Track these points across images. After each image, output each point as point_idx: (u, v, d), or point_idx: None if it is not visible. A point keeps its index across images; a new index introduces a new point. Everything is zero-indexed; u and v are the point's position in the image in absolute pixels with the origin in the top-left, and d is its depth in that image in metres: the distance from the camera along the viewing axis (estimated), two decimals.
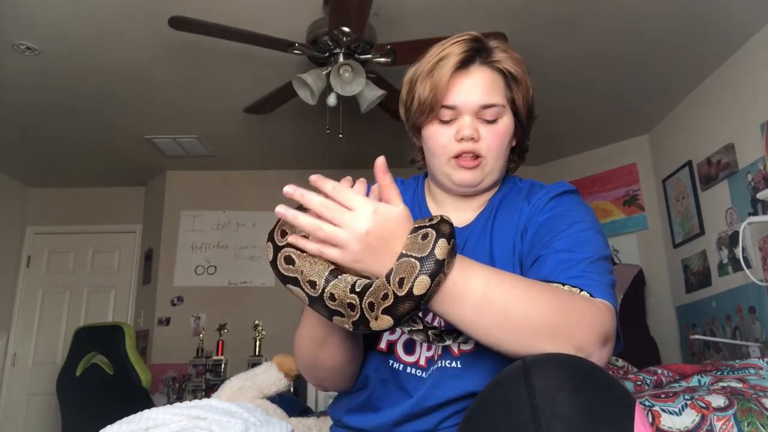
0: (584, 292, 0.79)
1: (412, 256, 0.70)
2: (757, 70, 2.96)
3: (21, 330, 4.62)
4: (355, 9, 2.31)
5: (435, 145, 0.99)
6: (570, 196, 0.98)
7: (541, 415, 0.62)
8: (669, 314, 3.85)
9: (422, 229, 0.72)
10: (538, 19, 2.80)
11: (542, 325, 0.72)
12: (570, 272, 0.83)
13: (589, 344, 0.72)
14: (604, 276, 0.83)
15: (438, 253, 0.70)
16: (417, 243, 0.71)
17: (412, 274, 0.69)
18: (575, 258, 0.84)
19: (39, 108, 3.56)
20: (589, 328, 0.73)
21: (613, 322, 0.77)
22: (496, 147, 0.97)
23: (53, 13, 2.65)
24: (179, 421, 0.73)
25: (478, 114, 0.97)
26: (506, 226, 0.97)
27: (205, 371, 4.08)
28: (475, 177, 0.98)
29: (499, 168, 1.00)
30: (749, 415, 1.13)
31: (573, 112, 3.81)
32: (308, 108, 2.82)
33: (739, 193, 3.13)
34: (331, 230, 0.70)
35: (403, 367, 0.94)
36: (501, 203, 1.02)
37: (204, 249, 4.51)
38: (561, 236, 0.88)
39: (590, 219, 0.93)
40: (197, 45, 2.82)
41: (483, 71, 0.98)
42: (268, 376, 1.47)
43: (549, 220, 0.93)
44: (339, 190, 0.71)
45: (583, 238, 0.88)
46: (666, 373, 1.58)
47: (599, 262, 0.85)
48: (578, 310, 0.74)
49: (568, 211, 0.93)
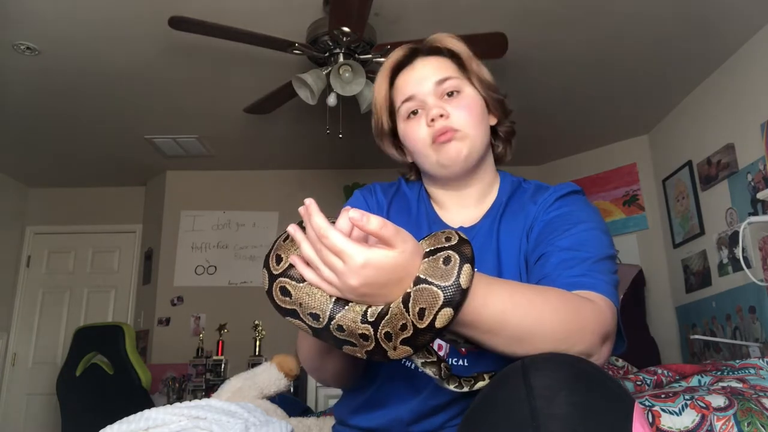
0: (587, 291, 0.80)
1: (434, 284, 0.63)
2: (757, 70, 2.96)
3: (21, 330, 4.62)
4: (355, 9, 2.31)
5: (413, 140, 1.00)
6: (576, 196, 0.98)
7: (540, 415, 0.62)
8: (669, 314, 3.85)
9: (442, 251, 0.65)
10: (539, 19, 2.80)
11: (551, 338, 0.72)
12: (573, 270, 0.83)
13: (591, 347, 0.74)
14: (607, 275, 0.84)
15: (463, 281, 0.64)
16: (438, 268, 0.64)
17: (434, 305, 0.63)
18: (579, 257, 0.85)
19: (39, 108, 3.56)
20: (592, 333, 0.74)
21: (614, 320, 0.79)
22: (467, 116, 0.97)
23: (53, 13, 2.65)
24: (179, 421, 0.73)
25: (438, 93, 0.98)
26: (513, 227, 0.97)
27: (205, 371, 4.08)
28: (458, 149, 0.96)
29: (480, 138, 0.99)
30: (749, 415, 1.13)
31: (573, 112, 3.81)
32: (308, 108, 2.81)
33: (739, 193, 3.13)
34: (327, 274, 0.65)
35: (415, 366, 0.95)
36: (507, 204, 1.01)
37: (204, 249, 4.51)
38: (566, 235, 0.89)
39: (596, 219, 0.93)
40: (197, 45, 2.82)
41: (427, 60, 1.02)
42: (268, 376, 1.47)
43: (555, 219, 0.93)
44: (325, 234, 0.63)
45: (588, 237, 0.89)
46: (666, 373, 1.57)
47: (603, 261, 0.86)
48: (583, 317, 0.75)
49: (574, 211, 0.94)
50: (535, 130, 4.04)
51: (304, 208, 0.65)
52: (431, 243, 0.68)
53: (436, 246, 0.67)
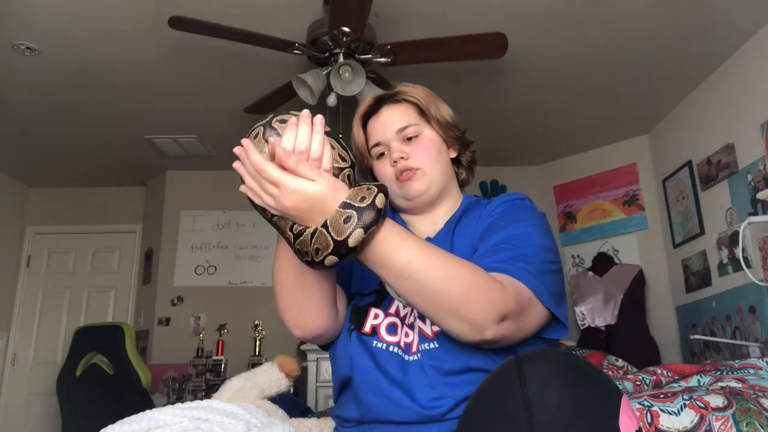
0: (499, 274, 0.89)
1: (330, 235, 0.79)
2: (757, 70, 2.96)
3: (21, 330, 4.62)
4: (355, 9, 2.31)
5: (382, 177, 1.15)
6: (520, 202, 1.10)
7: (532, 405, 0.66)
8: (669, 314, 3.85)
9: (350, 209, 0.80)
10: (538, 19, 2.80)
11: (447, 298, 0.83)
12: (495, 257, 0.94)
13: (485, 321, 0.83)
14: (527, 264, 0.93)
15: (351, 241, 0.79)
16: (338, 223, 0.79)
17: (326, 249, 0.80)
18: (504, 248, 0.96)
19: (39, 108, 3.56)
20: (489, 308, 0.84)
21: (515, 301, 0.87)
22: (425, 156, 1.11)
23: (53, 13, 2.65)
24: (180, 422, 0.73)
25: (400, 138, 1.13)
26: (466, 233, 1.09)
27: (205, 371, 4.08)
28: (419, 186, 1.10)
29: (439, 175, 1.12)
30: (748, 415, 1.13)
31: (573, 112, 3.81)
32: (308, 108, 2.82)
33: (739, 193, 3.13)
34: (267, 199, 0.81)
35: (386, 346, 1.01)
36: (463, 214, 1.14)
37: (204, 249, 4.51)
38: (500, 231, 1.00)
39: (534, 221, 1.03)
40: (197, 45, 2.82)
41: (391, 108, 1.16)
42: (269, 376, 1.47)
43: (495, 220, 1.05)
44: (263, 168, 0.79)
45: (519, 233, 0.99)
46: (665, 373, 1.58)
47: (529, 253, 0.95)
48: (484, 290, 0.84)
49: (513, 213, 1.05)
50: (535, 130, 4.04)
51: (241, 149, 0.81)
52: (352, 196, 0.81)
53: (351, 201, 0.80)
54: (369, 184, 0.83)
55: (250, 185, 0.82)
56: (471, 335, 0.85)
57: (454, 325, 0.85)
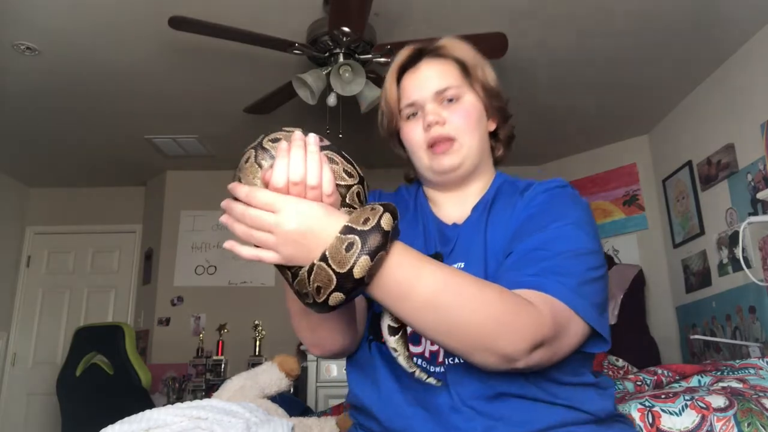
0: (530, 291, 0.78)
1: (331, 267, 0.67)
2: (757, 70, 2.96)
3: (21, 330, 4.62)
4: (355, 9, 2.31)
5: (410, 142, 1.01)
6: (560, 191, 0.95)
7: None
8: (669, 314, 3.85)
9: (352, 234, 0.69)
10: (539, 19, 2.80)
11: (478, 334, 0.72)
12: (529, 269, 0.81)
13: (518, 352, 0.73)
14: (566, 277, 0.80)
15: (356, 272, 0.67)
16: (340, 252, 0.68)
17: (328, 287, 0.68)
18: (542, 256, 0.83)
19: (39, 108, 3.56)
20: (522, 338, 0.73)
21: (551, 325, 0.75)
22: (464, 124, 0.98)
23: (53, 13, 2.65)
24: (180, 422, 0.73)
25: (438, 100, 0.99)
26: (500, 221, 0.95)
27: (205, 371, 4.08)
28: (452, 161, 0.98)
29: (476, 147, 1.00)
30: (749, 415, 1.13)
31: (573, 112, 3.81)
32: (308, 108, 2.81)
33: (739, 193, 3.13)
34: (261, 236, 0.69)
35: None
36: (496, 197, 1.00)
37: (204, 249, 4.51)
38: (536, 233, 0.86)
39: (576, 215, 0.89)
40: (197, 45, 2.82)
41: (432, 63, 1.02)
42: (269, 376, 1.47)
43: (533, 215, 0.91)
44: (253, 195, 0.69)
45: (559, 234, 0.85)
46: (666, 374, 1.58)
47: (569, 261, 0.82)
48: (516, 318, 0.73)
49: (552, 207, 0.91)
50: (536, 130, 4.04)
51: (232, 185, 0.73)
52: (353, 219, 0.70)
53: (353, 225, 0.69)
54: (373, 205, 0.72)
55: (242, 232, 0.70)
56: (500, 367, 0.75)
57: (481, 359, 0.74)
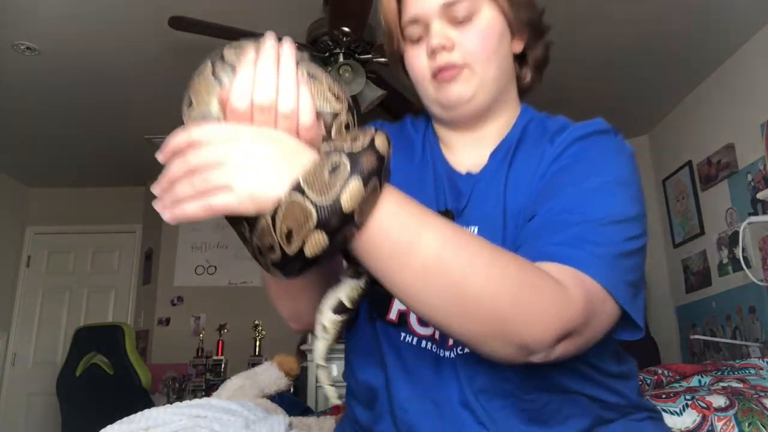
0: (557, 264, 0.60)
1: (308, 198, 0.49)
2: (757, 70, 2.96)
3: (21, 330, 4.62)
4: (355, 9, 2.31)
5: (413, 71, 0.82)
6: (602, 138, 0.78)
7: None
8: (669, 314, 3.85)
9: (335, 154, 0.51)
10: None
11: (492, 315, 0.55)
12: (556, 236, 0.64)
13: (539, 342, 0.56)
14: (600, 246, 0.63)
15: (345, 201, 0.49)
16: (321, 177, 0.50)
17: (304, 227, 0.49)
18: (572, 220, 0.65)
19: (39, 108, 3.56)
20: (545, 324, 0.56)
21: (582, 310, 0.58)
22: (478, 49, 0.77)
23: (53, 13, 2.65)
24: (179, 420, 0.73)
25: (447, 16, 0.77)
26: (524, 173, 0.76)
27: (205, 371, 4.07)
28: (461, 90, 0.78)
29: (492, 76, 0.79)
30: (750, 415, 1.13)
31: (573, 112, 3.79)
32: None
33: (739, 193, 3.13)
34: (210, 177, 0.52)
35: (417, 340, 0.74)
36: (521, 141, 0.81)
37: (204, 249, 4.51)
38: (568, 191, 0.69)
39: (616, 170, 0.73)
40: (197, 45, 2.81)
41: None
42: (268, 375, 1.47)
43: (564, 168, 0.73)
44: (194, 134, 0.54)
45: (596, 195, 0.68)
46: (666, 373, 1.58)
47: (606, 225, 0.65)
48: (538, 297, 0.56)
49: (589, 159, 0.73)
50: None
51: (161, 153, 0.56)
52: (338, 139, 0.54)
53: (339, 143, 0.52)
54: (363, 128, 0.55)
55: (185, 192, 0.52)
56: (514, 359, 0.58)
57: (495, 349, 0.57)
